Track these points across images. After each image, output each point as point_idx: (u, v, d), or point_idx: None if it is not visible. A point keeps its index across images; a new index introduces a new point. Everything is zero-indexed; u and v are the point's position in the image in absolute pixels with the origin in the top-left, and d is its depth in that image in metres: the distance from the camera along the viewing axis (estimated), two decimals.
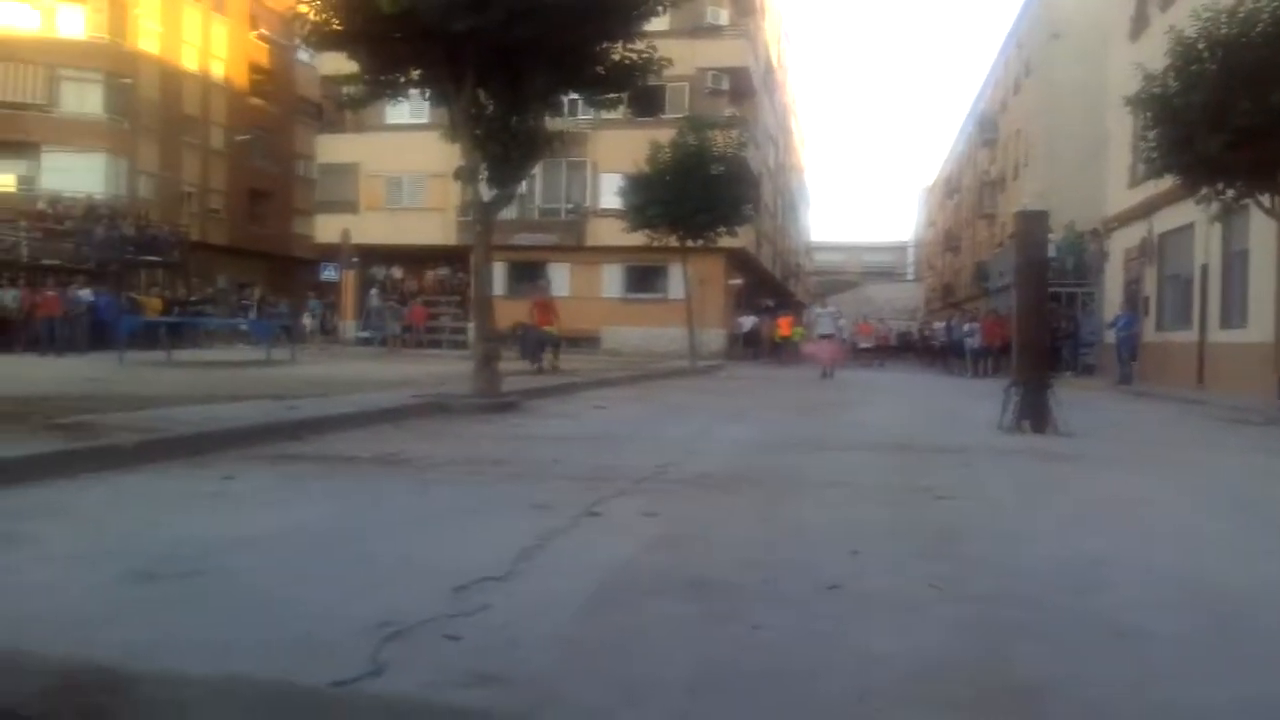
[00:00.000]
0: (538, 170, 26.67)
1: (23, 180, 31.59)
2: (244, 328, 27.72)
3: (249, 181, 40.08)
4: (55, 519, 4.18)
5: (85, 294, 22.69)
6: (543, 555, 3.71)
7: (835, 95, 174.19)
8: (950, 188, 61.87)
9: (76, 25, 32.78)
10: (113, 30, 33.27)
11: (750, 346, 32.79)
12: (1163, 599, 3.34)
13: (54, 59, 32.18)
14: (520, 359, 19.30)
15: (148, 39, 34.80)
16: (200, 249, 34.88)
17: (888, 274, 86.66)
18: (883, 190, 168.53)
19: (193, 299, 30.29)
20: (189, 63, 36.93)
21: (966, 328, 28.57)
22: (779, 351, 31.21)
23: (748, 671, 2.52)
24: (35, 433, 5.93)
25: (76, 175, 31.55)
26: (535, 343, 18.64)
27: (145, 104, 34.50)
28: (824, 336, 25.77)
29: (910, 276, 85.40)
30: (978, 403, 12.97)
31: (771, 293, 42.64)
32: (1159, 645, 2.81)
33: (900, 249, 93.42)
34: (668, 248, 24.31)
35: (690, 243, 23.72)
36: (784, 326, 31.77)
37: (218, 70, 38.38)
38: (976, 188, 48.22)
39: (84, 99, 32.86)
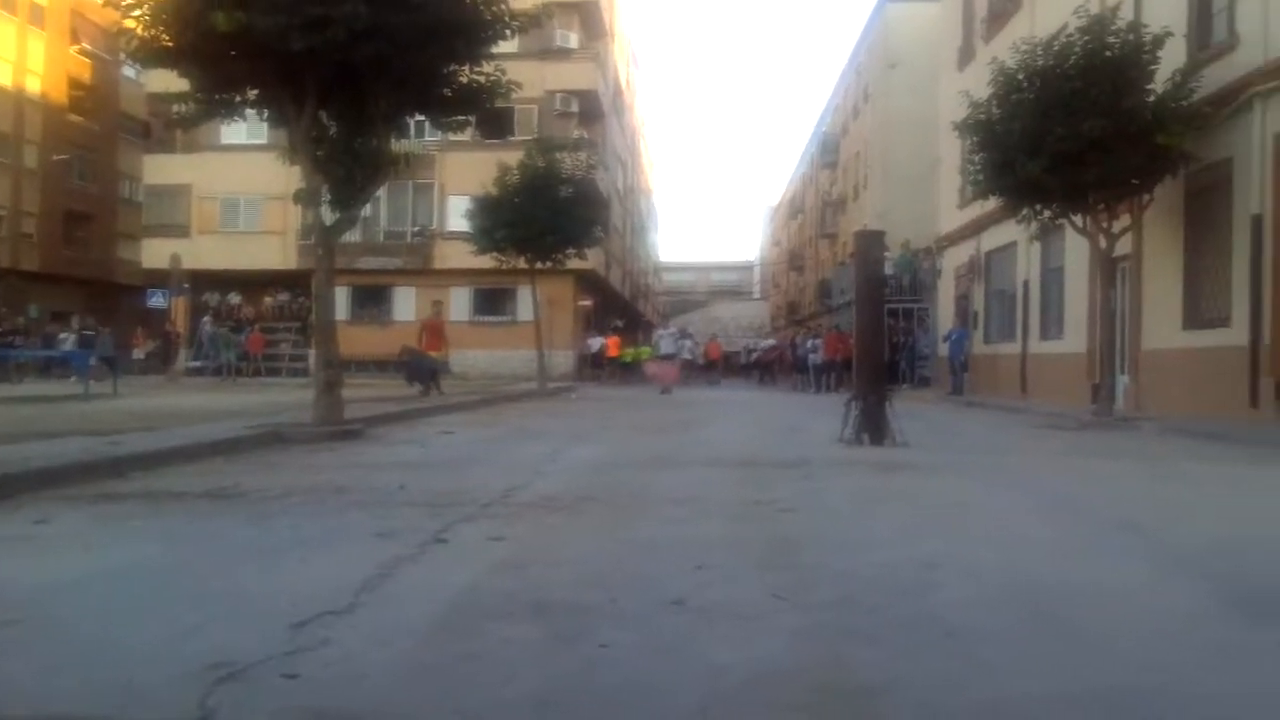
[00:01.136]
0: (383, 192, 26.18)
1: None
2: (61, 359, 25.86)
3: (66, 203, 37.60)
4: None
5: None
6: (387, 585, 3.62)
7: (683, 118, 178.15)
8: (794, 208, 64.04)
9: None
10: None
11: (600, 367, 33.05)
12: (988, 598, 3.54)
13: None
14: (408, 384, 18.91)
15: None
16: (9, 275, 32.44)
17: (735, 292, 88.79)
18: (729, 211, 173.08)
19: (1, 329, 28.11)
20: (1, 78, 34.44)
21: (810, 344, 29.61)
22: (626, 372, 31.70)
23: (594, 689, 2.52)
24: None
25: None
26: (426, 369, 18.37)
27: None
28: (665, 357, 26.47)
29: (757, 295, 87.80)
30: (820, 418, 13.44)
31: (621, 313, 43.04)
32: (985, 642, 2.97)
33: (747, 268, 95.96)
34: (516, 270, 24.24)
35: (539, 265, 23.71)
36: (612, 347, 32.31)
37: (33, 85, 35.93)
38: (819, 208, 50.10)
39: None
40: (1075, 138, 13.32)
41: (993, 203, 18.60)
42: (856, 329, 10.92)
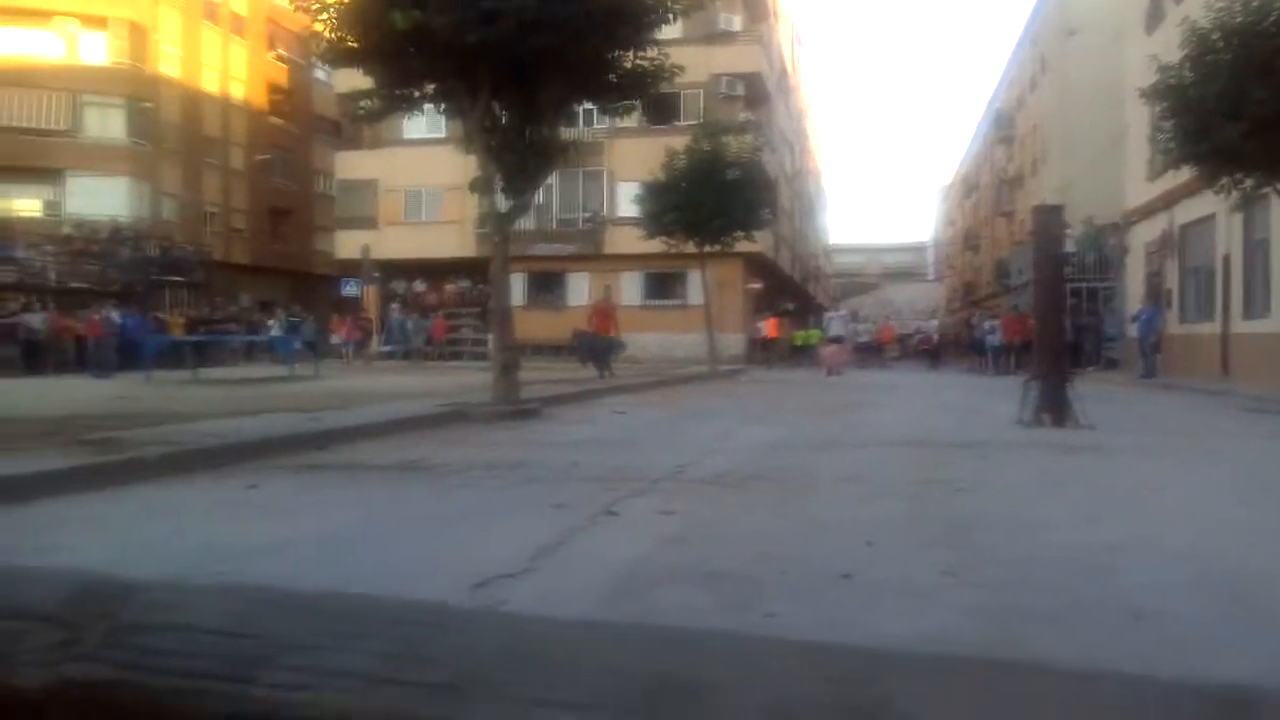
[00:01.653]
0: (554, 180, 26.83)
1: (48, 205, 32.06)
2: (268, 344, 27.97)
3: (269, 200, 40.52)
4: (85, 529, 4.28)
5: (113, 315, 23.03)
6: (560, 552, 3.77)
7: (851, 97, 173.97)
8: (968, 186, 61.59)
9: (99, 51, 33.29)
10: (134, 55, 33.75)
11: (768, 350, 32.87)
12: (1179, 581, 3.35)
13: (77, 85, 32.67)
14: (583, 366, 19.50)
15: (168, 63, 35.31)
16: (223, 268, 35.30)
17: (908, 274, 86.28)
18: (901, 191, 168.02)
19: (216, 317, 30.63)
20: (209, 85, 37.43)
21: (987, 325, 28.49)
22: (797, 355, 31.44)
23: None
24: (65, 448, 6.05)
25: (101, 199, 31.99)
26: (602, 349, 18.87)
27: (167, 127, 34.97)
28: (835, 339, 26.18)
29: (931, 276, 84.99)
30: (997, 399, 12.93)
31: (791, 296, 42.58)
32: (1176, 624, 2.82)
33: (920, 249, 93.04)
34: (686, 254, 24.40)
35: (708, 248, 23.79)
36: (771, 329, 32.07)
37: (237, 91, 38.88)
38: (994, 185, 47.98)
39: (107, 124, 33.33)
40: (1277, 99, 12.26)
41: (1186, 173, 17.31)
42: (1036, 309, 10.42)
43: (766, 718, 0.57)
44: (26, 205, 31.97)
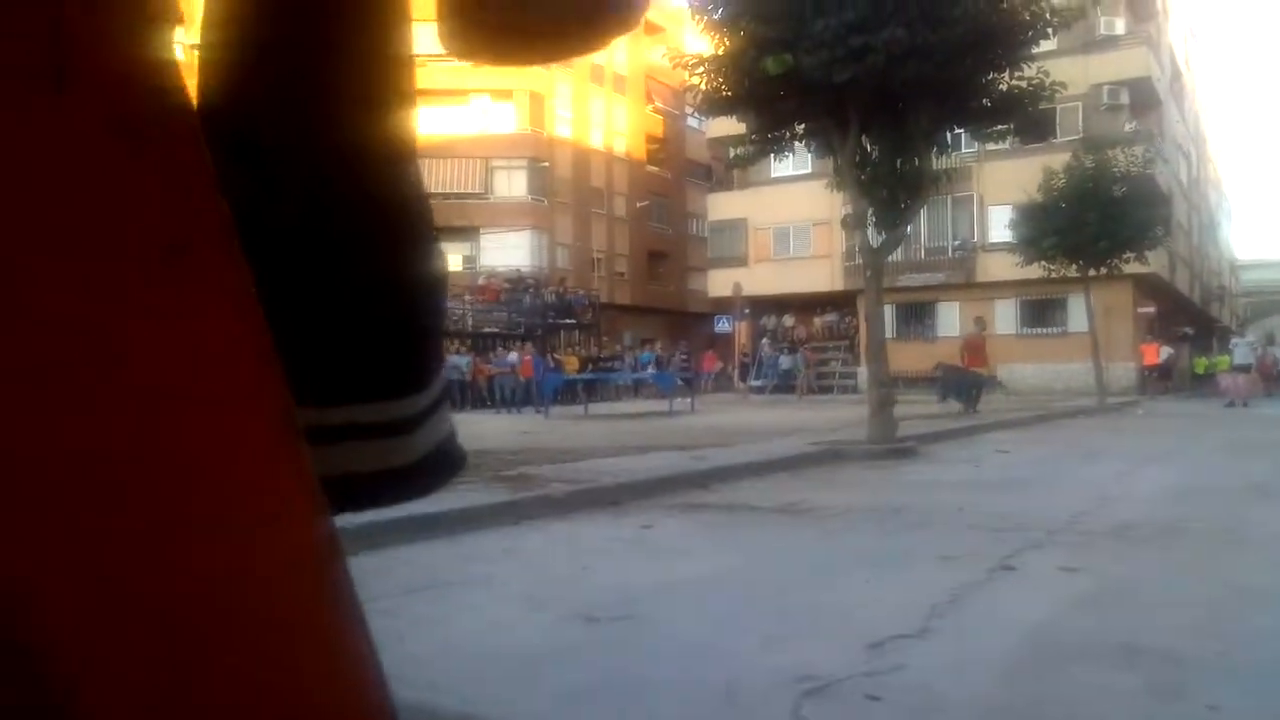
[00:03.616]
0: (922, 209, 26.12)
1: (467, 260, 36.76)
2: (650, 380, 29.78)
3: (648, 243, 43.32)
4: (504, 562, 4.78)
5: (513, 357, 25.76)
6: (956, 612, 3.60)
7: (1259, 91, 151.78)
8: None
9: (506, 121, 37.75)
10: (534, 121, 37.93)
11: (1166, 379, 29.39)
12: None
13: (488, 152, 37.28)
14: (941, 401, 18.86)
15: (561, 124, 39.21)
16: (607, 309, 38.19)
17: None
18: None
19: (603, 355, 33.14)
20: (595, 140, 40.99)
21: None
22: (1198, 384, 27.88)
23: None
24: (488, 484, 6.82)
25: (508, 251, 36.14)
26: (967, 385, 18.19)
27: (560, 182, 38.78)
28: (1241, 367, 23.36)
29: None
30: None
31: (1190, 320, 37.82)
32: None
33: None
34: (1066, 279, 22.63)
35: (1092, 272, 21.90)
36: (1148, 355, 28.47)
37: (619, 144, 42.17)
38: None
39: (511, 184, 37.70)
40: None
41: None
42: None
43: None
44: (451, 261, 36.89)
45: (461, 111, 37.49)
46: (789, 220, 33.95)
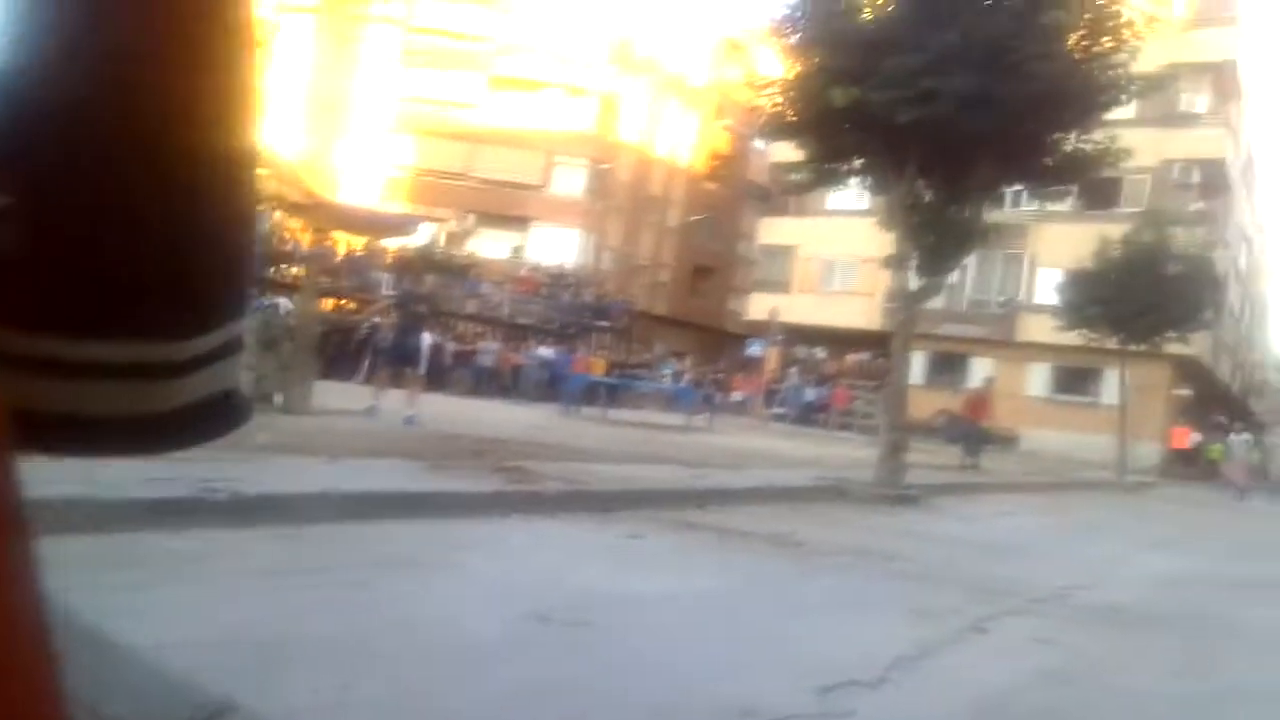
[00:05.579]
0: (971, 260, 25.83)
1: (514, 250, 36.95)
2: (673, 393, 29.71)
3: (695, 258, 43.25)
4: (481, 552, 4.77)
5: (544, 351, 25.81)
6: (917, 667, 3.54)
7: None
8: None
9: (575, 118, 37.95)
10: (602, 122, 38.08)
11: (1191, 465, 28.90)
12: None
13: (552, 147, 37.47)
14: (946, 443, 18.78)
15: (629, 128, 39.32)
16: (642, 317, 38.19)
17: None
18: None
19: (631, 362, 33.14)
20: (660, 149, 41.04)
21: None
22: (1217, 471, 27.46)
23: None
24: (486, 474, 6.82)
25: (555, 247, 36.29)
26: (970, 435, 18.06)
27: (618, 186, 38.86)
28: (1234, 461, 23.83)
29: None
30: None
31: (1226, 409, 37.08)
32: None
33: None
34: (1105, 349, 22.29)
35: (1132, 346, 21.55)
36: (1177, 438, 28.08)
37: (683, 156, 42.19)
38: None
39: (570, 181, 37.84)
40: None
41: None
42: None
43: None
44: (497, 248, 37.06)
45: (531, 102, 37.75)
46: (838, 253, 33.82)
